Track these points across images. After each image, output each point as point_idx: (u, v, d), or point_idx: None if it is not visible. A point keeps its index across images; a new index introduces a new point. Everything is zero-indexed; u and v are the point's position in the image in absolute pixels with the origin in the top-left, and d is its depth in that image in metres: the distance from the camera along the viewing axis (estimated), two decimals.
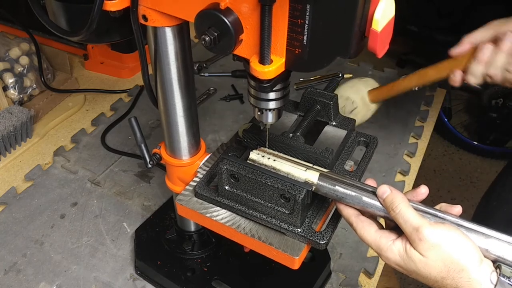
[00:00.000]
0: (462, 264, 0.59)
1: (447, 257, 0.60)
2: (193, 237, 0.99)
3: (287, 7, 0.53)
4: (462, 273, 0.60)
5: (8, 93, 1.37)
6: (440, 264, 0.60)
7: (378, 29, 0.53)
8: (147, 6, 0.63)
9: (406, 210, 0.62)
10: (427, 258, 0.61)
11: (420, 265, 0.61)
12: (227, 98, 1.49)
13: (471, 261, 0.60)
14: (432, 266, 0.61)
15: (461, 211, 0.67)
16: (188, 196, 0.79)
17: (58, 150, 1.31)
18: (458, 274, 0.60)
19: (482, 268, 0.60)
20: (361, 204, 0.67)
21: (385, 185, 0.66)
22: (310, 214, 0.73)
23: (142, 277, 1.02)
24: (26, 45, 1.44)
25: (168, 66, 0.71)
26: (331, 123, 0.86)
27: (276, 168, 0.72)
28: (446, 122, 2.68)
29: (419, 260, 0.61)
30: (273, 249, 0.72)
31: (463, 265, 0.59)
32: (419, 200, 0.69)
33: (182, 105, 0.76)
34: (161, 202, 1.16)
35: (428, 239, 0.60)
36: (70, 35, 0.67)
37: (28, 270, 1.03)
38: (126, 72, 1.60)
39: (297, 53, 0.56)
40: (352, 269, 1.04)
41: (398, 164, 1.29)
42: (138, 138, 0.83)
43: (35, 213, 1.15)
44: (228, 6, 0.55)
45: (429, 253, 0.60)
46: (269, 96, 0.67)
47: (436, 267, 0.60)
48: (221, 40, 0.56)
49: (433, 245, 0.60)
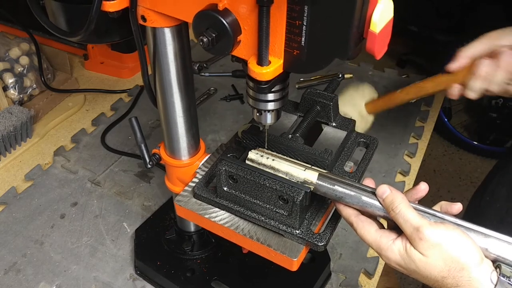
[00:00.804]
0: (462, 263, 0.59)
1: (447, 256, 0.60)
2: (192, 237, 0.99)
3: (285, 9, 0.53)
4: (462, 272, 0.60)
5: (8, 93, 1.37)
6: (441, 263, 0.60)
7: (376, 30, 0.53)
8: (146, 7, 0.63)
9: (406, 210, 0.62)
10: (427, 257, 0.61)
11: (420, 264, 0.61)
12: (228, 98, 1.49)
13: (471, 260, 0.60)
14: (432, 266, 0.61)
15: (461, 209, 0.67)
16: (187, 197, 0.79)
17: (58, 150, 1.31)
18: (459, 273, 0.60)
19: (483, 268, 0.60)
20: (360, 203, 0.67)
21: (384, 185, 0.65)
22: (308, 216, 0.73)
23: (142, 277, 1.02)
24: (26, 45, 1.44)
25: (167, 67, 0.71)
26: (331, 124, 0.86)
27: (275, 167, 0.72)
28: (446, 122, 2.68)
29: (420, 259, 0.61)
30: (272, 250, 0.72)
31: (463, 264, 0.59)
32: (420, 197, 0.69)
33: (181, 105, 0.76)
34: (161, 202, 1.16)
35: (429, 239, 0.60)
36: (69, 36, 0.67)
37: (28, 270, 1.03)
38: (126, 72, 1.60)
39: (295, 54, 0.56)
40: (352, 270, 1.04)
41: (398, 164, 1.29)
42: (138, 138, 0.83)
43: (35, 213, 1.15)
44: (226, 7, 0.55)
45: (430, 253, 0.60)
46: (267, 97, 0.67)
47: (437, 267, 0.60)
48: (219, 41, 0.56)
49: (433, 245, 0.60)
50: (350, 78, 1.56)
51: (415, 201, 0.69)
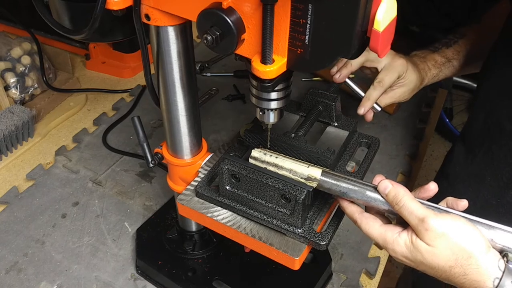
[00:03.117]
0: (469, 251, 0.59)
1: (454, 245, 0.60)
2: (194, 237, 0.99)
3: (289, 7, 0.53)
4: (470, 260, 0.60)
5: (10, 93, 1.37)
6: (448, 253, 0.60)
7: (380, 29, 0.53)
8: (150, 5, 0.63)
9: (410, 203, 0.62)
10: (434, 247, 0.61)
11: (427, 255, 0.61)
12: (229, 98, 1.49)
13: (478, 248, 0.60)
14: (439, 255, 0.60)
15: (467, 205, 0.67)
16: (189, 196, 0.79)
17: (59, 150, 1.31)
18: (466, 261, 0.60)
19: (490, 255, 0.60)
20: (364, 198, 0.67)
21: (385, 180, 0.66)
22: (311, 215, 0.73)
23: (143, 276, 1.02)
24: (27, 44, 1.44)
25: (170, 66, 0.71)
26: (333, 124, 0.86)
27: (279, 164, 0.72)
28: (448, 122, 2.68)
29: (426, 250, 0.61)
30: (274, 249, 0.72)
31: (470, 252, 0.59)
32: (428, 197, 0.69)
33: (184, 104, 0.76)
34: (163, 202, 1.16)
35: (435, 229, 0.60)
36: (73, 34, 0.67)
37: (29, 269, 1.03)
38: (127, 72, 1.60)
39: (299, 53, 0.56)
40: (353, 270, 1.04)
41: (399, 165, 1.29)
42: (141, 137, 0.83)
43: (37, 212, 1.15)
44: (231, 5, 0.55)
45: (436, 242, 0.60)
46: (271, 96, 0.67)
47: (444, 256, 0.60)
48: (223, 40, 0.56)
49: (439, 234, 0.60)
50: (352, 78, 1.55)
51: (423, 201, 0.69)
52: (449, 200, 0.68)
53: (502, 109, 0.89)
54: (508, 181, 0.88)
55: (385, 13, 0.53)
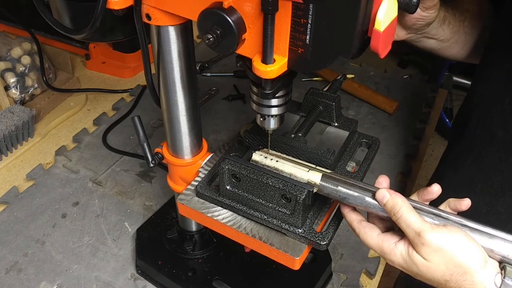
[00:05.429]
0: (465, 267, 0.59)
1: (449, 260, 0.60)
2: (194, 237, 0.99)
3: (290, 7, 0.53)
4: (465, 276, 0.59)
5: (10, 93, 1.37)
6: (443, 268, 0.60)
7: (381, 29, 0.53)
8: (151, 5, 0.63)
9: (407, 214, 0.62)
10: (429, 262, 0.61)
11: (423, 268, 0.61)
12: (229, 98, 1.49)
13: (474, 264, 0.59)
14: (435, 270, 0.61)
15: (470, 204, 0.67)
16: (189, 196, 0.79)
17: (59, 150, 1.31)
18: (462, 277, 0.60)
19: (486, 271, 0.60)
20: (364, 204, 0.67)
21: (383, 189, 0.65)
22: (311, 215, 0.73)
23: (143, 276, 1.02)
24: (27, 44, 1.44)
25: (171, 65, 0.71)
26: (333, 124, 0.86)
27: (279, 169, 0.72)
28: (448, 122, 2.68)
29: (422, 263, 0.61)
30: (274, 249, 0.72)
31: (466, 268, 0.59)
32: (431, 199, 0.69)
33: (184, 104, 0.76)
34: (163, 202, 1.16)
35: (431, 243, 0.60)
36: (73, 33, 0.67)
37: (29, 269, 1.03)
38: (127, 72, 1.60)
39: (300, 52, 0.56)
40: (353, 270, 1.04)
41: (399, 165, 1.29)
42: (141, 137, 0.83)
43: (37, 212, 1.15)
44: (232, 5, 0.55)
45: (432, 257, 0.60)
46: (271, 102, 0.67)
47: (439, 271, 0.60)
48: (224, 39, 0.56)
49: (435, 249, 0.60)
50: (352, 78, 1.56)
51: (426, 202, 0.69)
52: (451, 201, 0.68)
53: (493, 115, 0.88)
54: (499, 188, 0.86)
55: (386, 12, 0.53)
